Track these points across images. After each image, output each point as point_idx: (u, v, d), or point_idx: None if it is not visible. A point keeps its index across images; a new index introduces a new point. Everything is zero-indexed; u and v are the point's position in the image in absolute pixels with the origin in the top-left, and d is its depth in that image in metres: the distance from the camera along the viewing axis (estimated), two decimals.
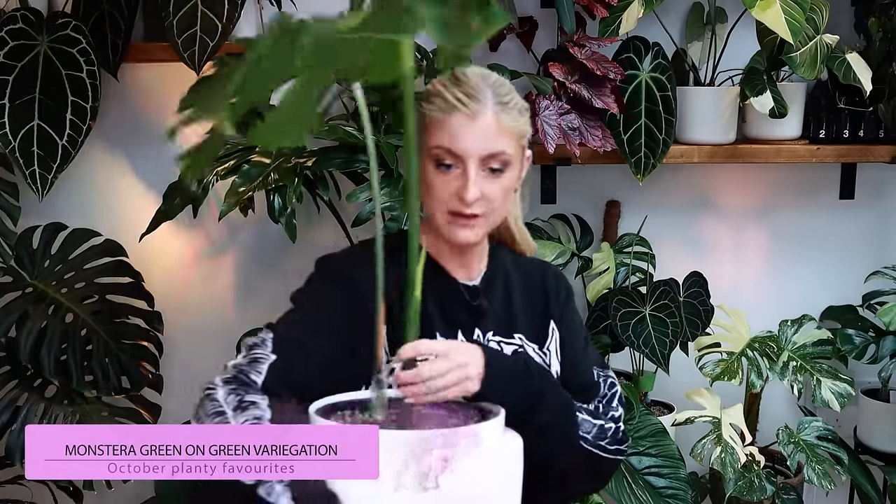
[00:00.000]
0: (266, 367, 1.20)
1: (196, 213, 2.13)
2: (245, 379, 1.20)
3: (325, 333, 1.25)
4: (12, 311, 2.35)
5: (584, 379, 1.40)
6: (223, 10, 2.15)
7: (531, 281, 1.42)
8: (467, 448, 1.04)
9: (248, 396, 1.15)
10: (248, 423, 1.10)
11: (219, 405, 1.17)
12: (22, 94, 2.23)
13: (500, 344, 1.35)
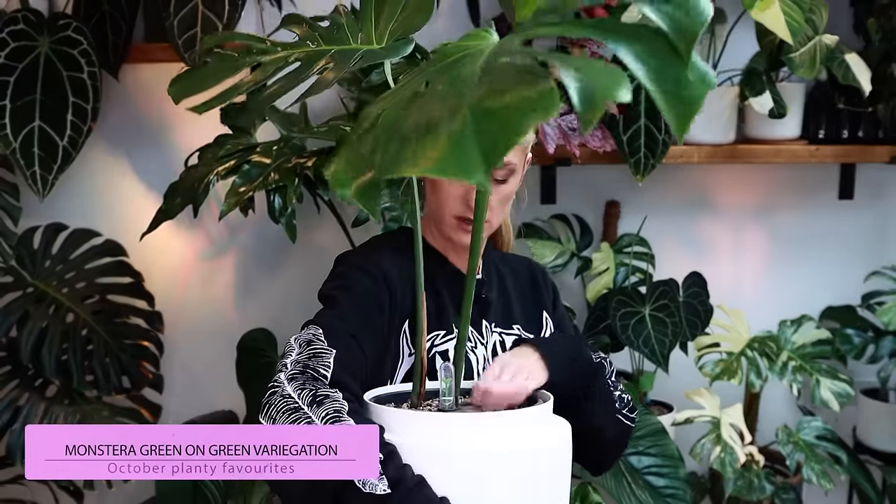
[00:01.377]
0: (332, 360, 1.18)
1: (196, 213, 2.13)
2: (313, 374, 1.17)
3: (367, 326, 1.26)
4: (13, 311, 2.36)
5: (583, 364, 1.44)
6: (223, 10, 2.16)
7: (520, 276, 1.49)
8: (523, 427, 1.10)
9: (322, 390, 1.13)
10: (328, 418, 1.10)
11: (292, 401, 1.12)
12: (23, 95, 2.23)
13: (502, 335, 1.39)
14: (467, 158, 0.64)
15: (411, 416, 1.12)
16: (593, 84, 0.75)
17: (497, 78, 0.72)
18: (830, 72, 2.36)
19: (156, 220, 2.19)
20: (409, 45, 1.12)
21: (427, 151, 0.66)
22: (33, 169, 2.23)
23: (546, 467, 1.12)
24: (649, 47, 0.78)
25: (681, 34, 0.77)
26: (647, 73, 0.78)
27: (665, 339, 2.32)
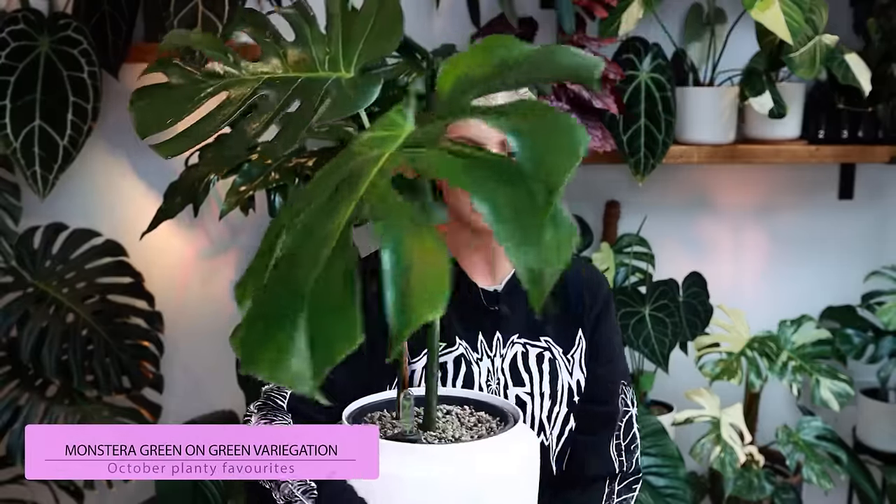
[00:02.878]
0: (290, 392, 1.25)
1: (196, 212, 2.13)
2: (273, 404, 1.27)
3: None
4: (13, 311, 2.36)
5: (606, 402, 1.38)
6: (223, 10, 2.16)
7: (567, 283, 1.38)
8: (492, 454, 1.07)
9: (277, 420, 1.23)
10: None
11: None
12: (23, 95, 2.23)
13: (527, 346, 1.34)
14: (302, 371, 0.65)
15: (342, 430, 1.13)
16: None
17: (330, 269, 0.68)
18: (830, 72, 2.36)
19: (156, 220, 2.19)
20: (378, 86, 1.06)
21: (270, 354, 0.68)
22: (34, 169, 2.23)
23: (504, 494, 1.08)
24: (509, 195, 0.65)
25: (544, 179, 0.65)
26: (499, 225, 0.65)
27: (665, 339, 2.32)
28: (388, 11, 1.10)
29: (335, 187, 0.77)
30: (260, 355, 0.71)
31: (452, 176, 0.69)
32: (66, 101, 2.26)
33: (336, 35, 1.17)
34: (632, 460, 1.38)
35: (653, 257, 2.53)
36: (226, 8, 2.16)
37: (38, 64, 2.26)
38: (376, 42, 1.10)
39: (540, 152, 0.66)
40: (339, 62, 1.14)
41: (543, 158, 0.66)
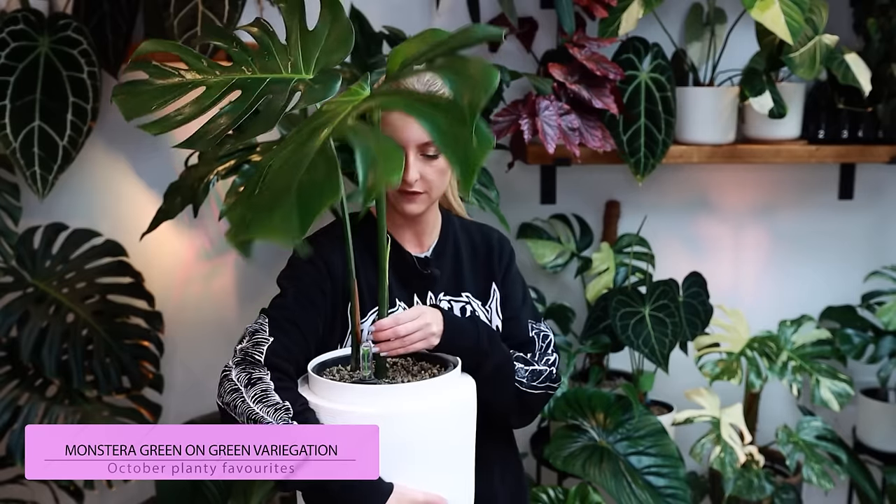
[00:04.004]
0: (266, 348, 1.42)
1: (196, 212, 2.13)
2: (251, 360, 1.41)
3: (309, 310, 1.49)
4: (13, 310, 2.36)
5: (522, 335, 1.62)
6: (223, 10, 2.16)
7: (477, 245, 1.64)
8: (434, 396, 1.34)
9: (256, 374, 1.38)
10: (257, 396, 1.35)
11: (234, 384, 1.38)
12: (23, 95, 2.23)
13: (451, 302, 1.58)
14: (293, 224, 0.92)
15: (341, 388, 1.34)
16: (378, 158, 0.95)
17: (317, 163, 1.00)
18: (830, 72, 2.36)
19: (156, 220, 2.19)
20: (338, 82, 1.29)
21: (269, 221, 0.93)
22: (33, 169, 2.23)
23: (454, 422, 1.37)
24: (444, 115, 0.96)
25: (468, 102, 0.95)
26: (439, 137, 0.95)
27: (665, 339, 2.32)
28: (340, 26, 1.37)
29: (312, 129, 1.08)
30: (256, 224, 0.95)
31: (406, 108, 1.02)
32: (66, 101, 2.26)
33: (295, 46, 1.40)
34: (550, 364, 1.62)
35: (653, 257, 2.53)
36: (226, 8, 2.16)
37: (38, 64, 2.26)
38: (330, 52, 1.36)
39: (464, 87, 0.96)
40: (300, 67, 1.37)
41: (466, 90, 0.95)
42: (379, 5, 2.45)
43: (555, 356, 1.62)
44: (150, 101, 1.31)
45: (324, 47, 1.37)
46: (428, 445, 1.34)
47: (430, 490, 1.34)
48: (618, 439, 2.22)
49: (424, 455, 1.34)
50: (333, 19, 1.39)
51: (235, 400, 1.35)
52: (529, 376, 1.57)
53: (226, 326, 2.67)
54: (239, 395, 1.35)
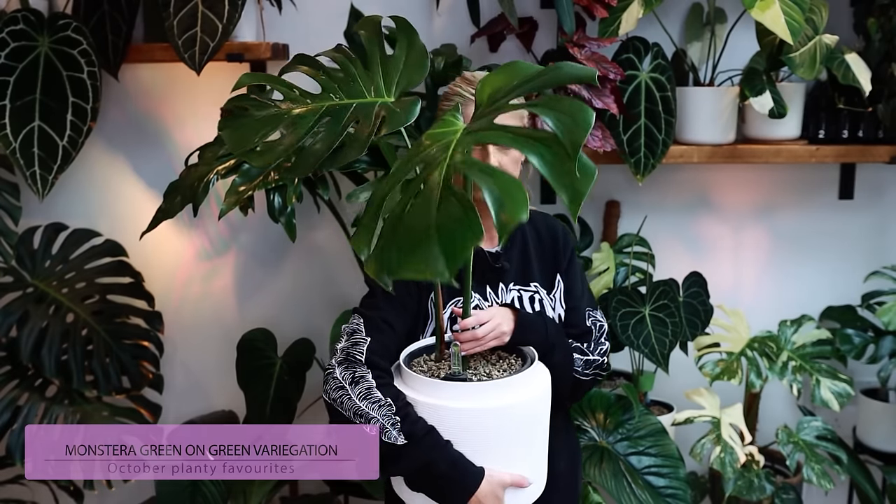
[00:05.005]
0: (366, 348, 1.52)
1: (196, 212, 2.13)
2: (353, 358, 1.51)
3: (399, 308, 1.60)
4: (13, 310, 2.36)
5: (581, 325, 1.75)
6: (223, 10, 2.16)
7: (543, 236, 1.75)
8: None
9: (359, 372, 1.49)
10: (361, 393, 1.45)
11: (339, 382, 1.48)
12: (23, 96, 2.23)
13: (520, 291, 1.68)
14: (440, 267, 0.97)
15: (437, 384, 1.46)
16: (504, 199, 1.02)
17: (448, 203, 1.05)
18: (830, 72, 2.36)
19: (155, 220, 2.19)
20: (417, 106, 1.38)
21: (417, 264, 0.99)
22: (33, 169, 2.23)
23: (536, 410, 1.49)
24: (549, 150, 1.07)
25: (570, 141, 1.06)
26: (546, 169, 1.06)
27: (665, 339, 2.32)
28: (416, 51, 1.49)
29: (421, 164, 1.16)
30: (404, 266, 1.01)
31: (513, 143, 1.12)
32: (66, 101, 2.26)
33: (376, 71, 1.50)
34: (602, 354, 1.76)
35: (653, 257, 2.53)
36: (226, 8, 2.16)
37: (38, 64, 2.26)
38: (409, 75, 1.47)
39: (565, 125, 1.07)
40: (382, 91, 1.47)
41: (567, 129, 1.06)
42: (379, 5, 2.45)
43: (607, 345, 1.77)
44: (252, 134, 1.39)
45: (403, 71, 1.48)
46: (513, 432, 1.46)
47: (515, 471, 1.48)
48: (618, 439, 2.21)
49: (510, 440, 1.46)
50: (409, 45, 1.50)
51: (342, 397, 1.46)
52: (583, 365, 1.71)
53: (226, 326, 2.67)
54: (345, 393, 1.46)
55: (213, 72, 2.43)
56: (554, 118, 1.09)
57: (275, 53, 2.36)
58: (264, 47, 2.31)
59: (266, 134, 1.39)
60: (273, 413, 2.40)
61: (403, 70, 1.48)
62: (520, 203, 0.99)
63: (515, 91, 1.23)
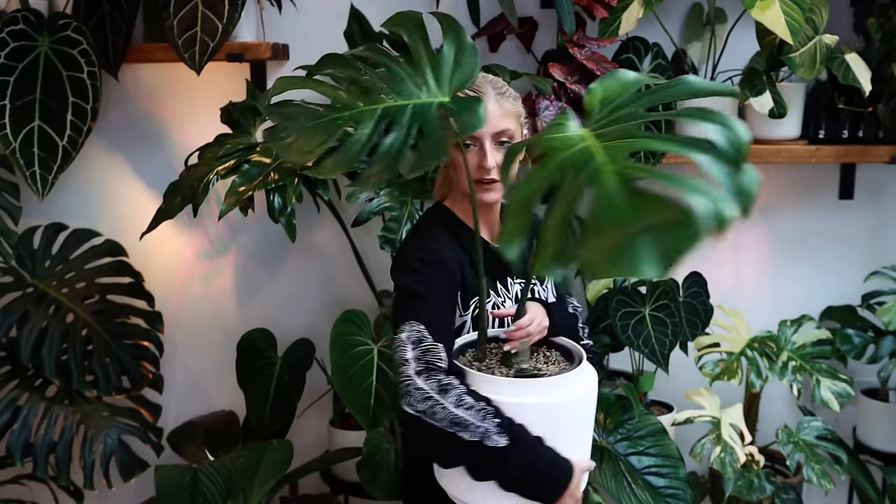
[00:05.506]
0: (443, 353, 1.47)
1: (196, 212, 2.13)
2: (434, 366, 1.46)
3: (448, 312, 1.57)
4: (13, 310, 2.36)
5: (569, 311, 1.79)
6: (223, 10, 2.16)
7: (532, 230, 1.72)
8: None
9: (444, 380, 1.44)
10: (455, 401, 1.41)
11: (425, 392, 1.43)
12: (23, 95, 2.23)
13: (520, 284, 1.68)
14: (650, 265, 0.95)
15: (513, 383, 1.45)
16: None
17: (643, 204, 1.03)
18: (830, 72, 2.36)
19: (155, 220, 2.19)
20: (482, 105, 1.37)
21: (623, 265, 0.98)
22: (33, 169, 2.23)
23: (590, 403, 1.52)
24: (709, 156, 1.08)
25: (734, 149, 1.08)
26: (714, 171, 1.06)
27: (665, 339, 2.32)
28: (465, 48, 1.47)
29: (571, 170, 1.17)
30: (613, 267, 1.00)
31: (674, 149, 1.13)
32: (66, 101, 2.26)
33: (424, 70, 1.47)
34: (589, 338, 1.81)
35: None
36: (226, 8, 2.16)
37: (38, 64, 2.26)
38: (461, 72, 1.45)
39: (728, 134, 1.10)
40: (435, 90, 1.45)
41: (731, 137, 1.09)
42: (379, 5, 2.45)
43: (587, 328, 1.82)
44: (310, 144, 1.33)
45: (455, 69, 1.45)
46: (583, 419, 1.50)
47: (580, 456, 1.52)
48: (618, 439, 2.21)
49: (578, 428, 1.50)
50: (458, 41, 1.48)
51: (433, 407, 1.41)
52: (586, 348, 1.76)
53: (226, 326, 2.67)
54: (436, 403, 1.41)
55: (213, 72, 2.43)
56: (713, 127, 1.12)
57: (275, 53, 2.37)
58: (264, 47, 2.31)
59: (324, 142, 1.33)
60: (273, 413, 2.40)
61: (455, 68, 1.45)
62: (687, 238, 0.97)
63: (631, 102, 1.26)
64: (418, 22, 1.51)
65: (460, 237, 1.62)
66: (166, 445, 2.51)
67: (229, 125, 2.32)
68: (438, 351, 1.47)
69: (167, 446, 2.51)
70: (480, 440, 1.39)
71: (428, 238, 1.62)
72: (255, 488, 2.20)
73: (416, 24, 1.51)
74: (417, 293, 1.55)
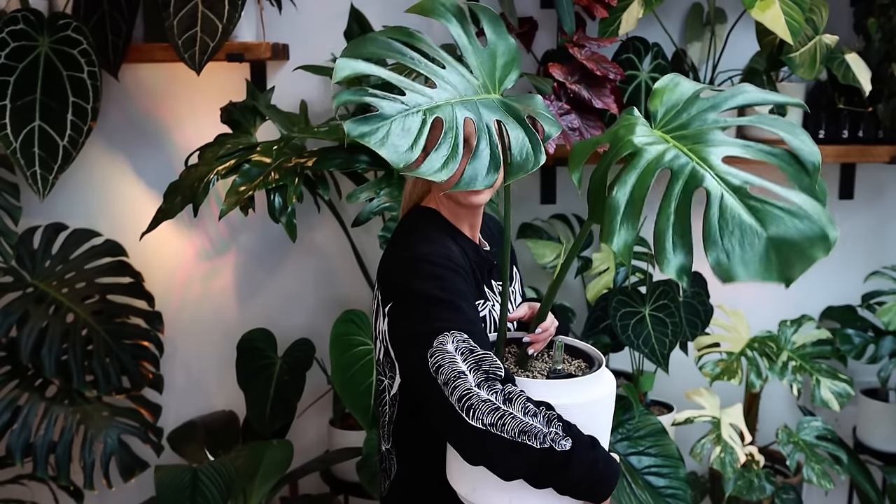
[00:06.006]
0: (496, 361, 1.40)
1: (196, 212, 2.13)
2: (493, 376, 1.39)
3: (478, 317, 1.50)
4: (13, 310, 2.36)
5: None
6: (223, 10, 2.16)
7: (495, 231, 1.72)
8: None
9: (506, 389, 1.37)
10: (523, 409, 1.35)
11: (491, 404, 1.35)
12: (23, 95, 2.23)
13: (500, 287, 1.61)
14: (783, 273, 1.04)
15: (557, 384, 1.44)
16: None
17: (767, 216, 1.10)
18: (830, 72, 2.36)
19: (155, 220, 2.19)
20: (538, 97, 1.37)
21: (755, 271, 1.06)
22: (33, 169, 2.23)
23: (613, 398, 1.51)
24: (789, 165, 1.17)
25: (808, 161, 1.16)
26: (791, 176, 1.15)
27: (665, 339, 2.32)
28: (507, 43, 1.42)
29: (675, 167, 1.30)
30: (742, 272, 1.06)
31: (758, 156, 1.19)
32: (66, 101, 2.26)
33: (475, 66, 1.39)
34: None
35: (653, 257, 2.53)
36: (226, 8, 2.16)
37: (38, 64, 2.26)
38: (506, 69, 1.40)
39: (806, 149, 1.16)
40: (488, 87, 1.39)
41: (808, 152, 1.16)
42: (379, 5, 2.45)
43: None
44: (401, 141, 1.20)
45: (502, 66, 1.41)
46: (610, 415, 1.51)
47: None
48: (618, 439, 2.21)
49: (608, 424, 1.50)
50: (499, 35, 1.42)
51: (503, 418, 1.34)
52: None
53: (226, 326, 2.67)
54: (505, 413, 1.35)
55: (213, 72, 2.43)
56: (790, 138, 1.17)
57: (275, 53, 2.37)
58: (264, 47, 2.31)
59: (417, 139, 1.20)
60: (273, 413, 2.40)
61: (500, 65, 1.40)
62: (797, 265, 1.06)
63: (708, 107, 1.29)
64: (457, 8, 1.41)
65: (454, 240, 1.55)
66: (166, 445, 2.51)
67: (229, 125, 2.32)
68: (492, 359, 1.39)
69: (167, 446, 2.51)
70: (550, 447, 1.34)
71: (431, 241, 1.52)
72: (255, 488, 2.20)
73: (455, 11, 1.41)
74: (445, 301, 1.44)
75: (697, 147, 1.25)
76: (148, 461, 2.46)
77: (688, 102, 1.30)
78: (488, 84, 1.38)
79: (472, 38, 1.40)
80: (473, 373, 1.37)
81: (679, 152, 1.25)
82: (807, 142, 1.17)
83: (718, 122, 1.26)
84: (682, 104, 1.30)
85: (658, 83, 1.32)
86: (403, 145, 1.20)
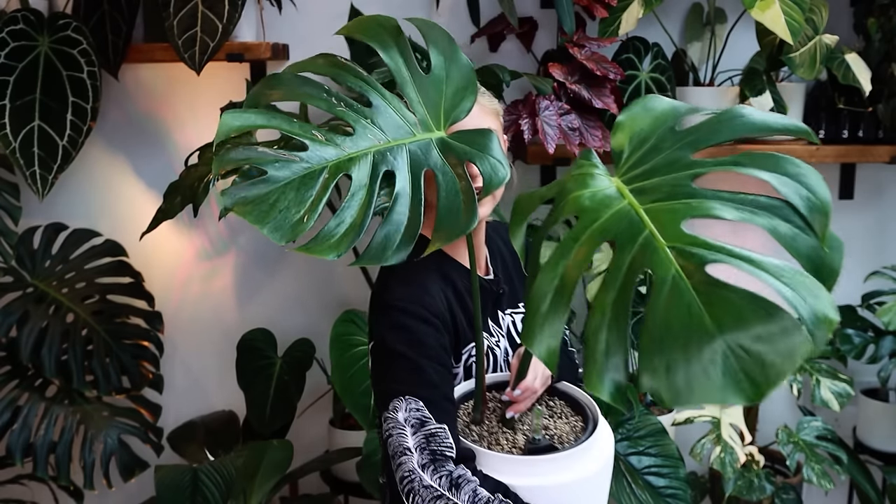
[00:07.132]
0: (449, 437, 1.27)
1: (196, 212, 2.13)
2: (441, 456, 1.26)
3: (446, 375, 1.34)
4: (13, 310, 2.36)
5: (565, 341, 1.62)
6: (223, 10, 2.16)
7: (508, 249, 1.57)
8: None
9: (455, 472, 1.25)
10: (470, 499, 1.22)
11: (434, 490, 1.24)
12: (23, 95, 2.23)
13: (513, 315, 1.50)
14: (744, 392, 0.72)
15: (517, 461, 1.26)
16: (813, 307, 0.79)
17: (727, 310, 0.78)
18: (830, 72, 2.36)
19: (155, 220, 2.19)
20: (494, 139, 1.14)
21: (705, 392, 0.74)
22: (33, 169, 2.23)
23: (610, 469, 1.33)
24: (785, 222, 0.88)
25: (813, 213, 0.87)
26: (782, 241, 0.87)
27: None
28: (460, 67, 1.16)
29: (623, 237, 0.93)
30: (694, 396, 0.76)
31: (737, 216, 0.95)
32: (66, 101, 2.26)
33: (413, 99, 1.15)
34: None
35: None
36: (226, 8, 2.16)
37: (38, 64, 2.26)
38: (456, 100, 1.16)
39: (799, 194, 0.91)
40: (429, 123, 1.15)
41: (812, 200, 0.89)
42: (379, 5, 2.45)
43: None
44: (291, 211, 0.99)
45: (447, 96, 1.16)
46: (599, 495, 1.33)
47: None
48: (618, 439, 2.21)
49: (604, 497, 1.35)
50: (449, 58, 1.17)
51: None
52: None
53: (225, 326, 2.67)
54: (448, 501, 1.22)
55: (213, 72, 2.43)
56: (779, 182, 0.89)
57: (275, 53, 2.37)
58: (264, 47, 2.31)
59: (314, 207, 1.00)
60: (273, 413, 2.40)
61: (447, 95, 1.16)
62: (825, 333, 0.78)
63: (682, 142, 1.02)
64: (395, 31, 1.18)
65: (445, 272, 1.39)
66: (166, 445, 2.51)
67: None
68: (444, 435, 1.26)
69: (167, 446, 2.51)
70: None
71: (408, 283, 1.36)
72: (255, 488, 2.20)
73: (393, 33, 1.18)
74: (406, 357, 1.31)
75: (660, 207, 0.95)
76: (148, 461, 2.46)
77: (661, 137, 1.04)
78: (430, 120, 1.15)
79: (412, 64, 1.18)
80: (420, 451, 1.25)
81: (629, 216, 0.94)
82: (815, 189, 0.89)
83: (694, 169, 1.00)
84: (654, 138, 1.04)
85: (625, 110, 1.05)
86: (293, 217, 0.98)
